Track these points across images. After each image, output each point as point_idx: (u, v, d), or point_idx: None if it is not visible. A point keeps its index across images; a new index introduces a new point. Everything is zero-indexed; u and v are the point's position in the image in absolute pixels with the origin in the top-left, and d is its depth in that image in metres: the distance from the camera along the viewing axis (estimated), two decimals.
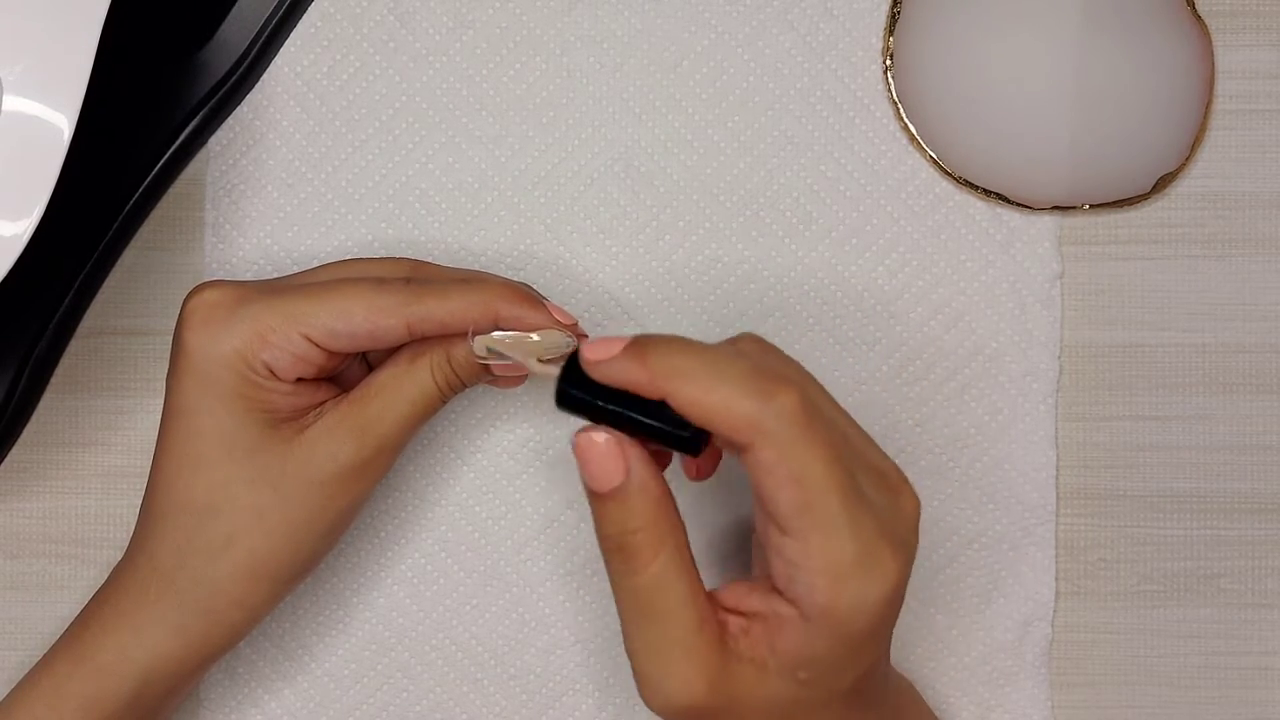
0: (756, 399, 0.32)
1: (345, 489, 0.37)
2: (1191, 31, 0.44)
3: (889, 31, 0.45)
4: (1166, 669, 0.45)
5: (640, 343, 0.33)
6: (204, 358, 0.37)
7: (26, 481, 0.45)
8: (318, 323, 0.37)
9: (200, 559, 0.37)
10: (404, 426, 0.38)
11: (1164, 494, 0.45)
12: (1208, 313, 0.45)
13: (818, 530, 0.32)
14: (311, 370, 0.37)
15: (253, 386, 0.37)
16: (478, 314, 0.37)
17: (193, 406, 0.37)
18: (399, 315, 0.37)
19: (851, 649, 0.33)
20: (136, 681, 0.37)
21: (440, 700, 0.44)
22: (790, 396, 0.32)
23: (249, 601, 0.38)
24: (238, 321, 0.37)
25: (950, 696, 0.44)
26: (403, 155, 0.45)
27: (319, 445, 0.37)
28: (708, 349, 0.33)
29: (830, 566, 0.32)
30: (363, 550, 0.44)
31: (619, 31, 0.45)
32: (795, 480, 0.31)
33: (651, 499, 0.33)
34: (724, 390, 0.32)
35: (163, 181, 0.44)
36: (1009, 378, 0.44)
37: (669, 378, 0.32)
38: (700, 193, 0.45)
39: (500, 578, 0.44)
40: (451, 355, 0.38)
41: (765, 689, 0.33)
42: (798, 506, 0.32)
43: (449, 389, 0.38)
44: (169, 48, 0.44)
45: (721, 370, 0.32)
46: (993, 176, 0.44)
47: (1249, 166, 0.45)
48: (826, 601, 0.32)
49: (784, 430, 0.31)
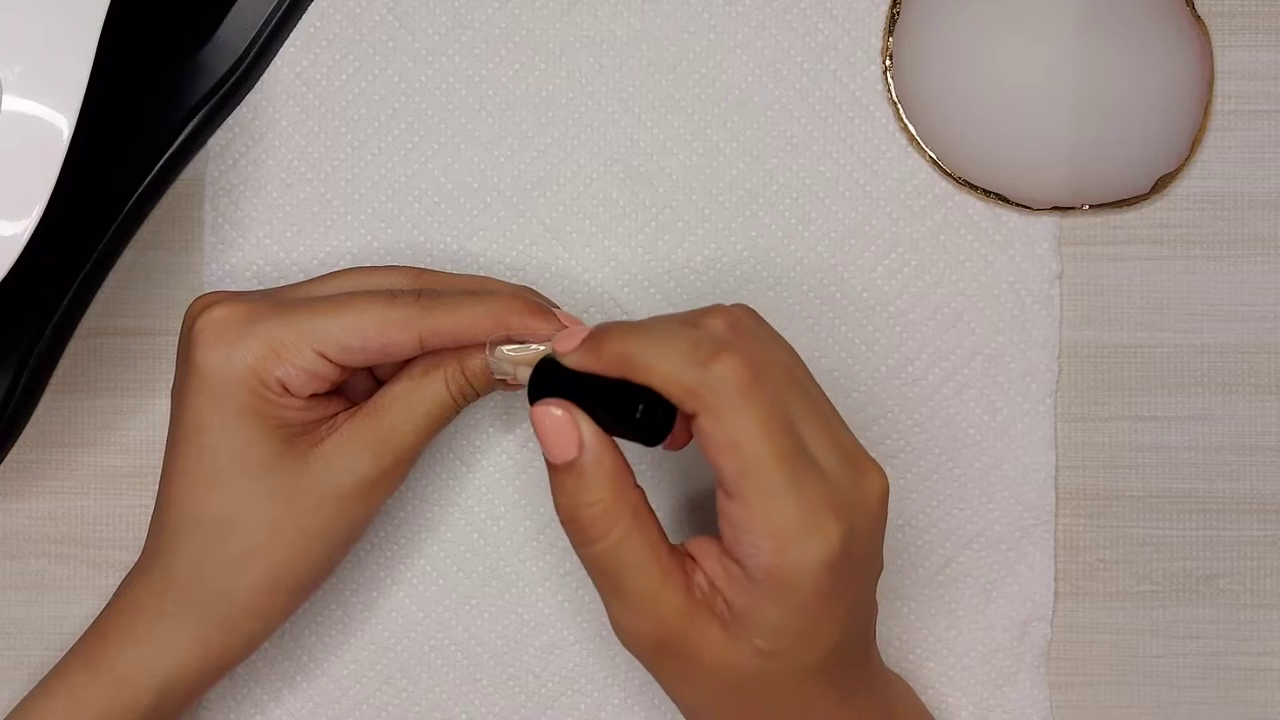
0: (695, 368, 0.33)
1: (362, 501, 0.38)
2: (1191, 32, 0.44)
3: (888, 32, 0.45)
4: (1165, 669, 0.45)
5: (597, 330, 0.35)
6: (217, 376, 0.37)
7: (26, 481, 0.45)
8: (331, 339, 0.37)
9: (219, 572, 0.37)
10: (420, 437, 0.38)
11: (1163, 494, 0.45)
12: (1206, 313, 0.45)
13: (758, 494, 0.33)
14: (324, 385, 0.37)
15: (266, 403, 0.37)
16: (489, 325, 0.37)
17: (206, 424, 0.37)
18: (412, 330, 0.37)
19: (804, 616, 0.34)
20: (154, 693, 0.37)
21: (439, 700, 0.44)
22: (728, 365, 0.33)
23: (267, 613, 0.38)
24: (251, 339, 0.37)
25: (950, 696, 0.44)
26: (402, 155, 0.45)
27: (336, 459, 0.37)
28: (656, 326, 0.35)
29: (773, 529, 0.33)
30: (362, 551, 0.44)
31: (618, 32, 0.45)
32: (733, 446, 0.33)
33: (605, 473, 0.35)
34: (665, 364, 0.33)
35: (162, 181, 0.44)
36: (1008, 378, 0.44)
37: (621, 359, 0.34)
38: (700, 193, 0.45)
39: (499, 578, 0.44)
40: (465, 366, 0.38)
41: (728, 652, 0.34)
42: (737, 471, 0.33)
43: (463, 399, 0.38)
44: (169, 48, 0.44)
45: (664, 344, 0.34)
46: (992, 177, 0.44)
47: (1248, 167, 0.45)
48: (769, 563, 0.33)
49: (721, 398, 0.33)
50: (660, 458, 0.44)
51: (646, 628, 0.35)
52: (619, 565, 0.35)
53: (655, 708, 0.44)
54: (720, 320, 0.35)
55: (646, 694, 0.44)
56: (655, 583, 0.34)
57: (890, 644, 0.44)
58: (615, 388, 0.34)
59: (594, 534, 0.35)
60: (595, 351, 0.35)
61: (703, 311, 0.36)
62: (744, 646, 0.34)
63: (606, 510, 0.35)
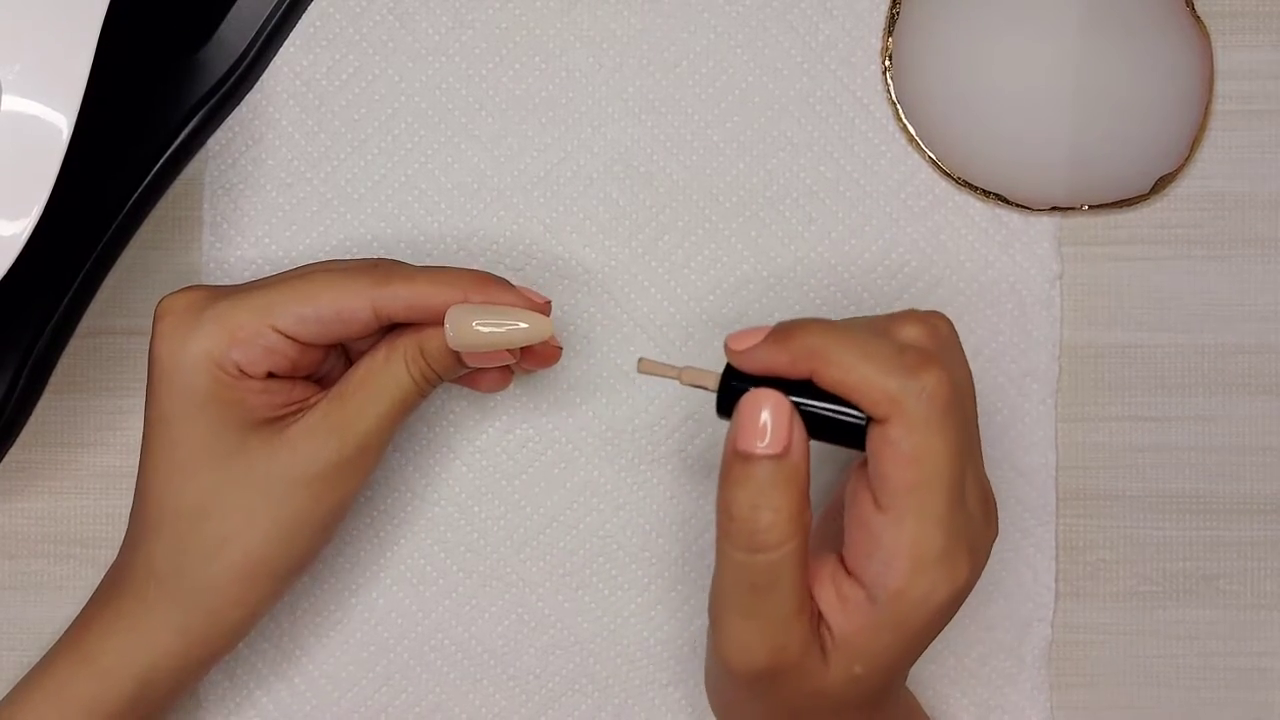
0: (900, 376, 0.32)
1: (332, 487, 0.37)
2: (1191, 32, 0.44)
3: (888, 32, 0.45)
4: (1165, 670, 0.45)
5: (782, 327, 0.33)
6: (174, 365, 0.37)
7: (26, 481, 0.45)
8: (285, 310, 0.36)
9: (196, 561, 0.37)
10: (384, 423, 0.38)
11: (1163, 495, 0.45)
12: (1207, 313, 0.45)
13: (916, 513, 0.32)
14: (284, 364, 0.37)
15: (226, 388, 0.37)
16: (446, 297, 0.37)
17: (170, 415, 0.37)
18: (365, 297, 0.36)
19: (907, 646, 0.33)
20: (139, 682, 0.37)
21: (439, 701, 0.44)
22: (935, 377, 0.32)
23: (247, 600, 0.38)
24: (205, 323, 0.36)
25: (950, 696, 0.44)
26: (402, 155, 0.45)
27: (300, 446, 0.37)
28: (848, 328, 0.33)
29: (914, 551, 0.32)
30: (361, 551, 0.44)
31: (618, 32, 0.45)
32: (915, 460, 0.32)
33: (801, 480, 0.33)
34: (866, 367, 0.32)
35: (162, 181, 0.44)
36: (1008, 378, 0.44)
37: (814, 356, 0.32)
38: (700, 193, 0.45)
39: (499, 578, 0.44)
40: (425, 348, 0.37)
41: (826, 678, 0.33)
42: (908, 485, 0.32)
43: (425, 382, 0.38)
44: (168, 48, 0.44)
45: (865, 345, 0.32)
46: (992, 177, 0.44)
47: (1248, 167, 0.45)
48: (899, 586, 0.32)
49: (921, 409, 0.32)
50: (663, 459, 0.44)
51: (764, 653, 0.33)
52: (774, 583, 0.33)
53: (655, 708, 0.44)
54: (919, 329, 0.34)
55: (646, 694, 0.44)
56: (793, 610, 0.33)
57: None
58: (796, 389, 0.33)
59: (766, 541, 0.32)
60: (784, 344, 0.33)
61: (896, 317, 0.34)
62: (841, 673, 0.33)
63: (790, 519, 0.32)
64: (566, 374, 0.44)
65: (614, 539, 0.44)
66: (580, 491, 0.44)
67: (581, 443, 0.44)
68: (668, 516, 0.44)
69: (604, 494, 0.44)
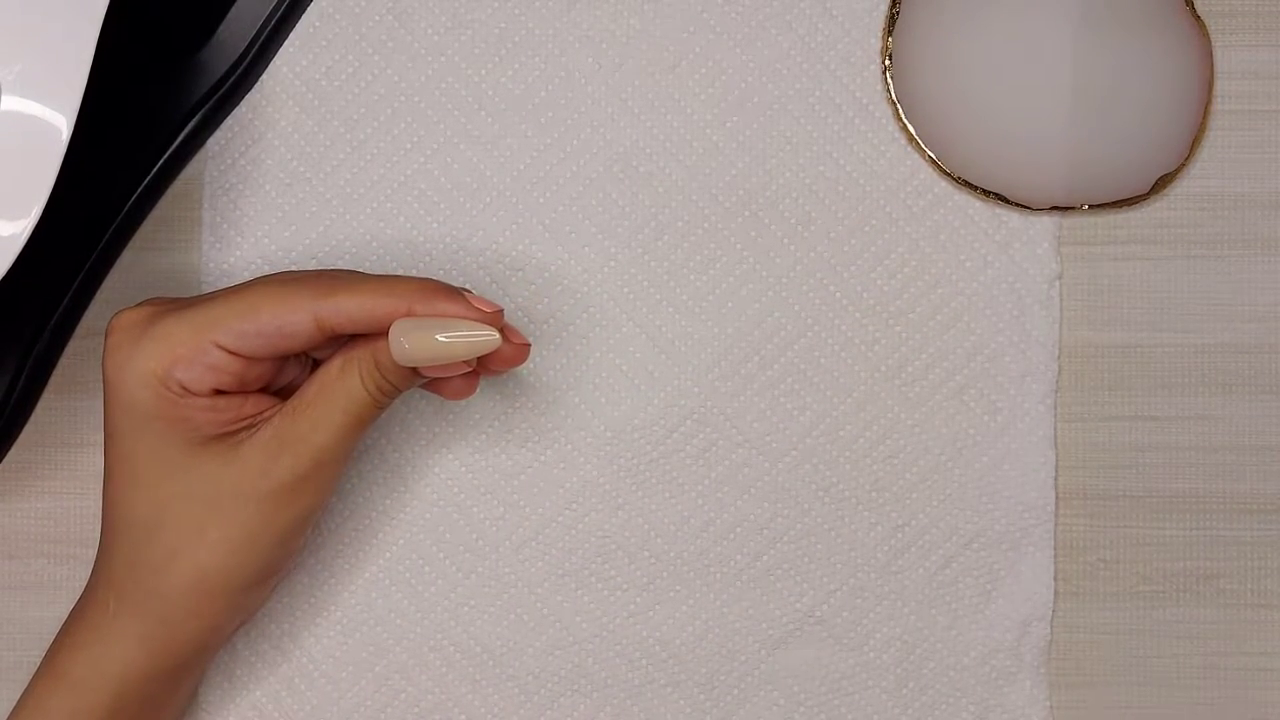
0: None
1: (287, 503, 0.37)
2: (1190, 32, 0.44)
3: (888, 32, 0.45)
4: (1165, 669, 0.45)
5: None
6: (120, 382, 0.36)
7: (26, 481, 0.45)
8: (226, 326, 0.36)
9: (147, 573, 0.37)
10: (340, 437, 0.37)
11: (1163, 494, 0.45)
12: (1207, 313, 0.45)
13: None
14: (229, 380, 0.36)
15: (171, 405, 0.36)
16: (390, 308, 0.36)
17: (121, 430, 0.37)
18: (306, 310, 0.36)
19: None
20: (110, 694, 0.37)
21: (438, 701, 0.44)
22: None
23: (203, 612, 0.37)
24: (148, 341, 0.36)
25: (949, 696, 0.44)
26: (401, 155, 0.45)
27: (252, 462, 0.36)
28: None
29: None
30: (360, 552, 0.44)
31: (617, 31, 0.45)
32: None
33: None
34: None
35: (161, 181, 0.44)
36: (1008, 378, 0.44)
37: None
38: (699, 193, 0.45)
39: (498, 578, 0.44)
40: (378, 360, 0.37)
41: None
42: None
43: (381, 395, 0.37)
44: (168, 48, 0.44)
45: None
46: (992, 177, 0.44)
47: (1248, 167, 0.45)
48: None
49: None
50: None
51: None
52: None
53: (654, 708, 0.44)
54: None
55: (646, 694, 0.44)
56: None
57: (890, 644, 0.44)
58: None
59: None
60: None
61: None
62: None
63: None
64: (566, 374, 0.44)
65: (612, 539, 0.44)
66: (579, 491, 0.44)
67: (580, 443, 0.44)
68: (666, 516, 0.44)
69: (602, 494, 0.44)
